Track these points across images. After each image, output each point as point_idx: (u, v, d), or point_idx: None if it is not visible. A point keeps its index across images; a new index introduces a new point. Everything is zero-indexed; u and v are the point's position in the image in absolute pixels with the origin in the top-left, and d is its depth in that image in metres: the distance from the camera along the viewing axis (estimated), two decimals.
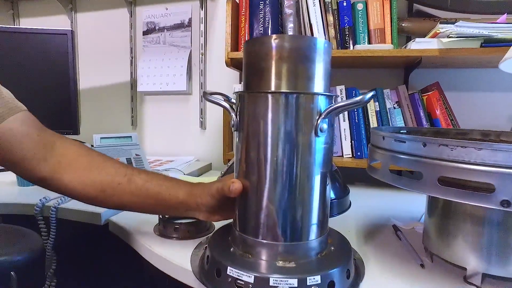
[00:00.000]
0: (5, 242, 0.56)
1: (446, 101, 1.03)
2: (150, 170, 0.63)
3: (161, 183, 0.55)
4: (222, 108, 0.62)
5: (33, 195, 0.83)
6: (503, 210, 0.35)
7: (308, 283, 0.40)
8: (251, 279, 0.40)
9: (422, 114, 0.99)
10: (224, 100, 0.50)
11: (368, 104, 1.03)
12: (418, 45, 0.93)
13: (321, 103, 0.43)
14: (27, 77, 0.55)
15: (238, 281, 0.41)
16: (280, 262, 0.43)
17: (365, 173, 0.56)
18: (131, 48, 1.44)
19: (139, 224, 0.67)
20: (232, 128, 0.48)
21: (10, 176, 1.00)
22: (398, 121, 1.02)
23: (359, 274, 0.48)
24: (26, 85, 0.56)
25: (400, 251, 0.58)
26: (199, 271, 0.49)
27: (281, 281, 0.39)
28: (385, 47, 0.97)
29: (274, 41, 0.42)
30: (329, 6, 1.02)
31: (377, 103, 1.03)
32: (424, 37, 0.96)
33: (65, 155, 0.57)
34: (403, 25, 1.10)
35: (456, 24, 0.90)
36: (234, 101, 0.49)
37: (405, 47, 1.00)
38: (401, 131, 0.67)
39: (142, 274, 0.86)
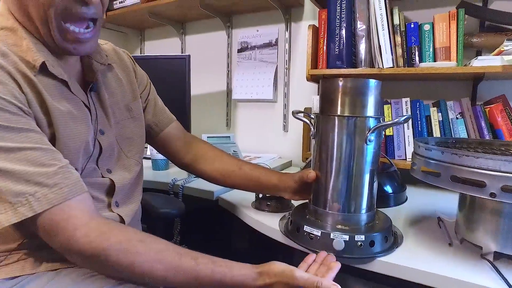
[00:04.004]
0: (166, 202, 0.90)
1: None
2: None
3: (261, 171, 0.82)
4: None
5: (164, 176, 1.19)
6: (491, 199, 0.52)
7: (355, 239, 0.62)
8: (319, 233, 0.64)
9: (483, 125, 1.09)
10: (305, 117, 0.74)
11: (431, 115, 1.16)
12: (480, 62, 1.03)
13: (371, 122, 0.64)
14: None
15: (311, 234, 0.65)
16: (339, 226, 0.66)
17: None
18: (228, 63, 1.76)
19: (240, 201, 0.95)
20: (311, 136, 0.71)
21: (146, 163, 1.38)
22: (461, 131, 1.13)
23: (396, 242, 0.68)
24: None
25: (436, 235, 0.75)
26: (284, 230, 0.74)
27: (338, 235, 0.62)
28: (448, 65, 1.08)
29: (340, 81, 0.65)
30: (398, 28, 1.18)
31: (440, 114, 1.15)
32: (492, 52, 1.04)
33: (199, 150, 0.87)
34: (472, 40, 1.18)
35: None
36: (313, 116, 0.73)
37: (469, 63, 1.10)
38: (448, 141, 0.83)
39: (235, 238, 1.16)
